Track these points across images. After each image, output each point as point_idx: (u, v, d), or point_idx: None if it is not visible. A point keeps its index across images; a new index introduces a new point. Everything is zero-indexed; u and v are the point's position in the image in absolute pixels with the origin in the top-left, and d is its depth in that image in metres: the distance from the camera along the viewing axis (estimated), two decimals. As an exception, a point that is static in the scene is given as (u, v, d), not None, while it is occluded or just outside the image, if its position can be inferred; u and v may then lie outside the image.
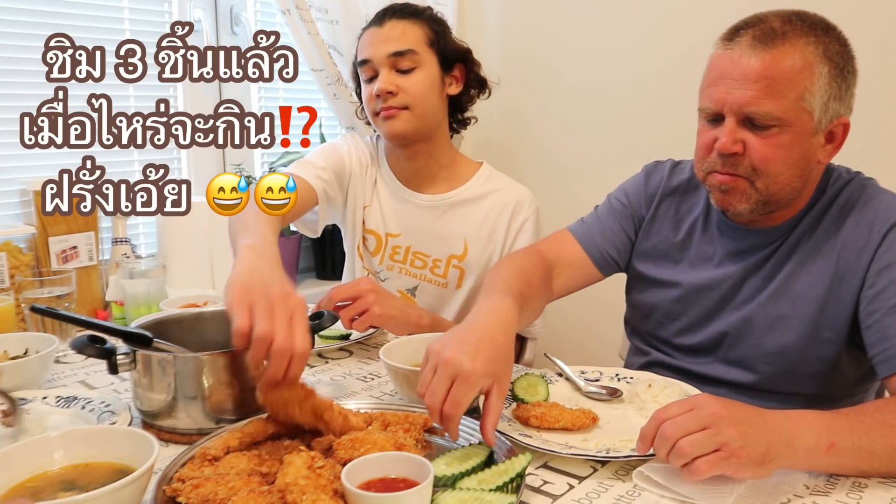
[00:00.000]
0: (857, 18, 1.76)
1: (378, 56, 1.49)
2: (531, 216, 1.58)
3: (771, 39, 1.04)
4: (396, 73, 1.49)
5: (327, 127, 2.35)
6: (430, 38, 1.52)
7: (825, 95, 1.04)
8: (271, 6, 2.11)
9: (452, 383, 0.87)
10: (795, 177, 1.09)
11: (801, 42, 1.04)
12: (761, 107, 1.04)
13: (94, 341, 0.97)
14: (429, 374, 0.90)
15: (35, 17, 1.73)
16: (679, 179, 1.32)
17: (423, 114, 1.51)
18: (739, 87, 1.04)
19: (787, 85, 1.03)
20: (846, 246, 1.11)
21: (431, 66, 1.52)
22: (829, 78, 1.04)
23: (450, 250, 1.59)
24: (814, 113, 1.05)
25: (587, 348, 1.53)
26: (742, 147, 1.07)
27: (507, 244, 1.58)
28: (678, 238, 1.28)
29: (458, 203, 1.60)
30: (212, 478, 0.79)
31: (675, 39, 2.08)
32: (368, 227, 1.65)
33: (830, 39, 1.05)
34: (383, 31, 1.50)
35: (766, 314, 1.16)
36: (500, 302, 1.03)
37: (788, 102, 1.03)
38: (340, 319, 1.32)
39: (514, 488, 0.80)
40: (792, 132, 1.05)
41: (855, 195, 1.14)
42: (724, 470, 0.81)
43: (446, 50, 1.53)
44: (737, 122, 1.07)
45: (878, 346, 1.04)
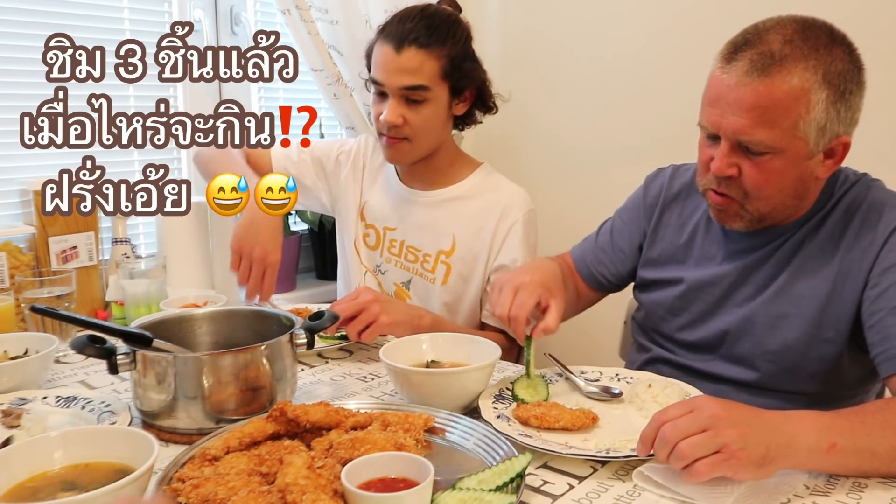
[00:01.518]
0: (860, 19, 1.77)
1: (390, 85, 1.48)
2: (519, 219, 1.57)
3: (768, 66, 1.01)
4: (405, 104, 1.49)
5: (327, 127, 2.35)
6: (445, 70, 1.49)
7: (822, 121, 1.02)
8: (271, 6, 2.11)
9: (515, 295, 1.09)
10: (789, 196, 1.10)
11: (800, 68, 1.00)
12: (754, 136, 1.03)
13: (94, 341, 0.97)
14: (496, 294, 1.13)
15: (35, 17, 1.73)
16: (681, 183, 1.33)
17: (423, 144, 1.54)
18: (734, 112, 1.04)
19: (781, 114, 1.01)
20: (850, 246, 1.11)
21: (441, 99, 1.51)
22: (826, 104, 1.01)
23: (439, 245, 1.60)
24: (808, 140, 1.04)
25: (587, 348, 1.53)
26: (737, 170, 1.08)
27: (494, 245, 1.57)
28: (682, 240, 1.30)
29: (450, 199, 1.61)
30: (212, 478, 0.79)
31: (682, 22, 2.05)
32: (369, 223, 1.68)
33: (833, 58, 1.01)
34: (400, 60, 1.46)
35: (767, 312, 1.16)
36: (546, 259, 1.30)
37: (781, 132, 1.02)
38: (348, 334, 1.32)
39: (514, 488, 0.80)
40: (785, 158, 1.05)
41: (860, 196, 1.14)
42: (724, 471, 0.81)
43: (460, 82, 1.52)
44: (731, 146, 1.06)
45: (880, 346, 1.04)
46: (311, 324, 1.07)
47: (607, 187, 1.46)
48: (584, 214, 1.58)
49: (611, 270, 1.40)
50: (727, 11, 1.86)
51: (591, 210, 1.54)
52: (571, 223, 1.57)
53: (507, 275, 1.16)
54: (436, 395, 1.05)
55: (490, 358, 1.09)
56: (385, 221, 1.66)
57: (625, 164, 2.14)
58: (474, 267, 1.58)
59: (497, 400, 1.07)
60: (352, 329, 1.31)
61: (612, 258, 1.40)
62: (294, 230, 2.30)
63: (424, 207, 1.62)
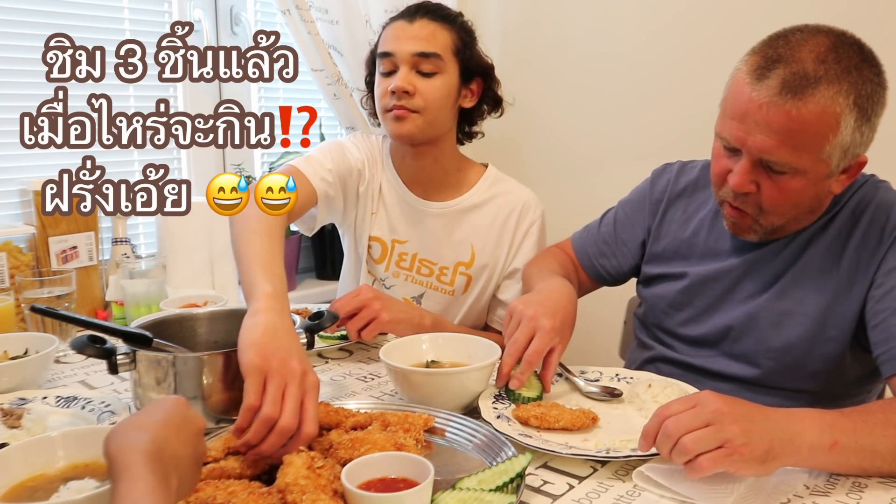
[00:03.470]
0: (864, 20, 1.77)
1: (402, 52, 1.45)
2: (537, 220, 1.57)
3: (802, 88, 0.98)
4: (416, 74, 1.46)
5: (327, 127, 2.35)
6: (456, 45, 1.48)
7: (847, 144, 1.01)
8: (271, 6, 2.11)
9: (532, 337, 1.07)
10: (804, 212, 1.11)
11: (833, 91, 0.98)
12: (780, 156, 1.02)
13: (94, 341, 0.97)
14: (513, 328, 1.09)
15: (35, 17, 1.73)
16: (687, 180, 1.32)
17: (433, 120, 1.48)
18: (761, 131, 1.01)
19: (811, 139, 1.00)
20: (857, 246, 1.11)
21: (452, 75, 1.49)
22: (853, 127, 1.00)
23: (457, 257, 1.57)
24: (832, 163, 1.03)
25: (587, 348, 1.52)
26: (755, 187, 1.07)
27: (513, 248, 1.56)
28: (686, 234, 1.29)
29: (465, 210, 1.58)
30: (211, 482, 0.79)
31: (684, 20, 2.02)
32: (373, 235, 1.60)
33: (863, 80, 1.00)
34: (412, 27, 1.46)
35: (772, 310, 1.16)
36: (562, 281, 1.24)
37: (808, 155, 1.01)
38: (348, 332, 1.31)
39: (514, 488, 0.80)
40: (807, 179, 1.04)
41: (868, 196, 1.14)
42: (726, 467, 0.81)
43: (470, 62, 1.50)
44: (752, 163, 1.05)
45: (883, 346, 1.04)
46: (311, 324, 1.07)
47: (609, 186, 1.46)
48: (586, 212, 1.57)
49: (612, 264, 1.40)
50: (730, 8, 1.86)
51: (593, 208, 1.54)
52: (574, 221, 1.57)
53: (528, 306, 1.11)
54: (436, 395, 1.05)
55: (490, 358, 1.09)
56: (393, 234, 1.59)
57: (627, 164, 2.14)
58: (493, 274, 1.57)
59: (497, 400, 1.07)
60: (352, 326, 1.30)
61: (614, 251, 1.40)
62: (294, 230, 2.29)
63: (439, 220, 1.58)
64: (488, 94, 1.57)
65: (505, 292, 1.57)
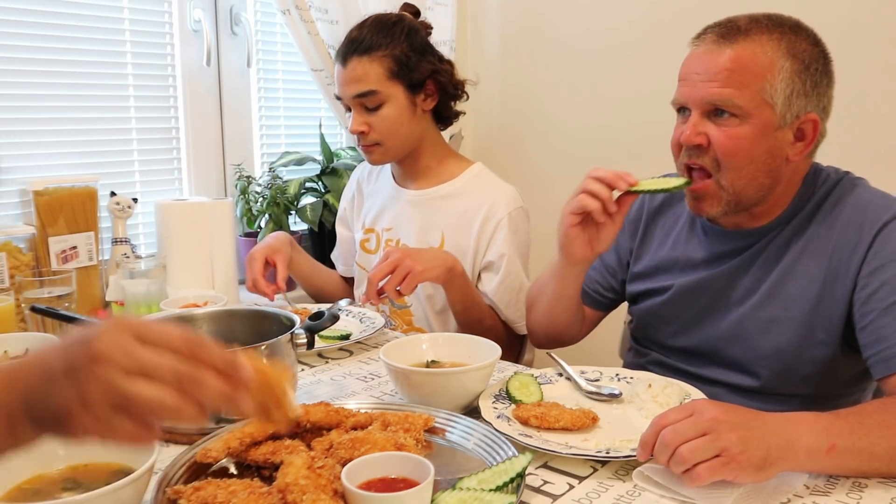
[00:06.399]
0: (852, 19, 1.77)
1: (346, 96, 1.56)
2: (504, 217, 1.57)
3: (734, 35, 1.08)
4: (365, 112, 1.55)
5: (327, 127, 2.35)
6: (391, 70, 1.53)
7: (788, 89, 1.06)
8: (271, 6, 2.11)
9: None
10: (761, 172, 1.10)
11: (764, 38, 1.07)
12: (722, 95, 1.07)
13: (94, 341, 0.96)
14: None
15: (35, 17, 1.72)
16: (663, 195, 1.32)
17: (395, 144, 1.58)
18: (703, 79, 1.08)
19: (748, 76, 1.06)
20: (837, 247, 1.11)
21: (398, 97, 1.54)
22: (791, 72, 1.06)
23: (429, 242, 1.62)
24: (775, 106, 1.06)
25: (587, 348, 1.52)
26: (706, 140, 1.09)
27: (481, 243, 1.59)
28: (666, 249, 1.30)
29: (439, 197, 1.63)
30: (211, 481, 0.79)
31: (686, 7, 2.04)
32: (367, 227, 1.72)
33: (798, 38, 1.08)
34: (346, 72, 1.54)
35: (758, 317, 1.16)
36: None
37: (750, 93, 1.06)
38: (388, 294, 1.39)
39: (514, 488, 0.80)
40: (752, 124, 1.07)
41: (845, 195, 1.14)
42: (724, 475, 0.81)
43: (413, 75, 1.54)
44: (700, 114, 1.10)
45: (874, 348, 1.04)
46: (311, 324, 1.07)
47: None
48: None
49: (604, 286, 1.40)
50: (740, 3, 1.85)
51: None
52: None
53: None
54: (436, 395, 1.05)
55: (490, 358, 1.09)
56: (382, 223, 1.70)
57: (631, 152, 2.14)
58: (464, 263, 1.58)
59: (497, 400, 1.07)
60: (390, 286, 1.38)
61: (602, 274, 1.39)
62: (294, 230, 2.29)
63: (414, 205, 1.65)
64: (447, 88, 1.60)
65: (486, 284, 1.60)
